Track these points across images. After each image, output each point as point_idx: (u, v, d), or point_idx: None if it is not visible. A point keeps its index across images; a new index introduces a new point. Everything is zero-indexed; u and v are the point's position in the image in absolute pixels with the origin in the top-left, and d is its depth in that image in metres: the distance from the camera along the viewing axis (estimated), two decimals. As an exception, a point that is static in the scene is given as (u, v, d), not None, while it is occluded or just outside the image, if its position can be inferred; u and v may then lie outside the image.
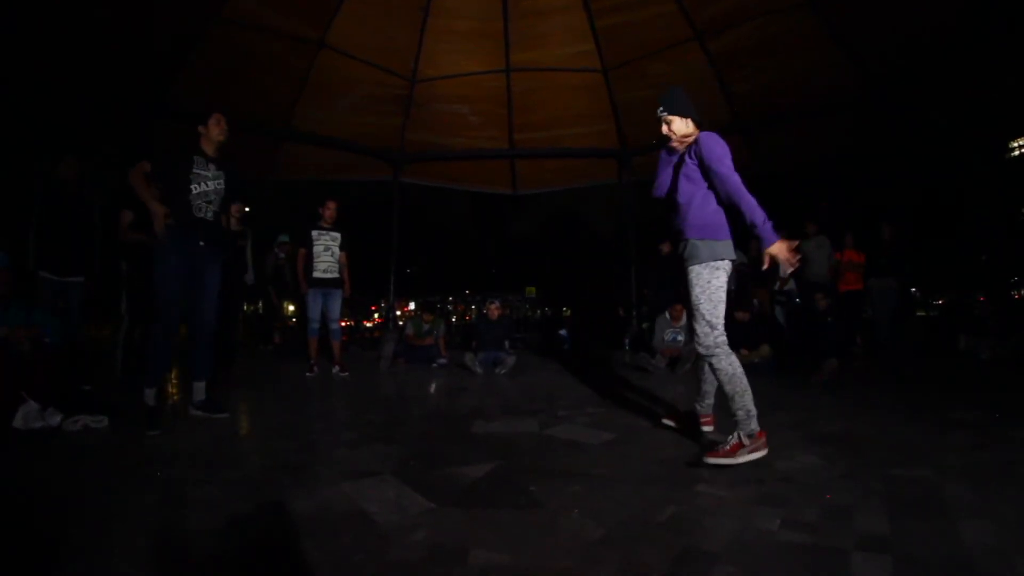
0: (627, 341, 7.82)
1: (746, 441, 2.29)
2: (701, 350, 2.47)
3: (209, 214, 3.22)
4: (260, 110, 6.75)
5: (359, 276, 6.55)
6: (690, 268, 2.52)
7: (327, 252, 5.37)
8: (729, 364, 2.41)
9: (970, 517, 1.67)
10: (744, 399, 2.36)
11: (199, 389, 3.29)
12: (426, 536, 1.60)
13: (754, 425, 2.33)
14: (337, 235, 5.46)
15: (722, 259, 2.49)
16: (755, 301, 6.71)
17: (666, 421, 3.00)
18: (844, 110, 6.57)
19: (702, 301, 2.47)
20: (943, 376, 5.26)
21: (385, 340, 6.73)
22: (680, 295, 2.79)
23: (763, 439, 2.32)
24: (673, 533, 1.61)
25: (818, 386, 4.51)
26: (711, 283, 2.47)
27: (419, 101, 7.30)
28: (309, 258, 5.34)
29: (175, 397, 4.05)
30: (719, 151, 2.42)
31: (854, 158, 15.61)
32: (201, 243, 3.17)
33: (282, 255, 7.89)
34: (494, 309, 6.58)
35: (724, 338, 2.44)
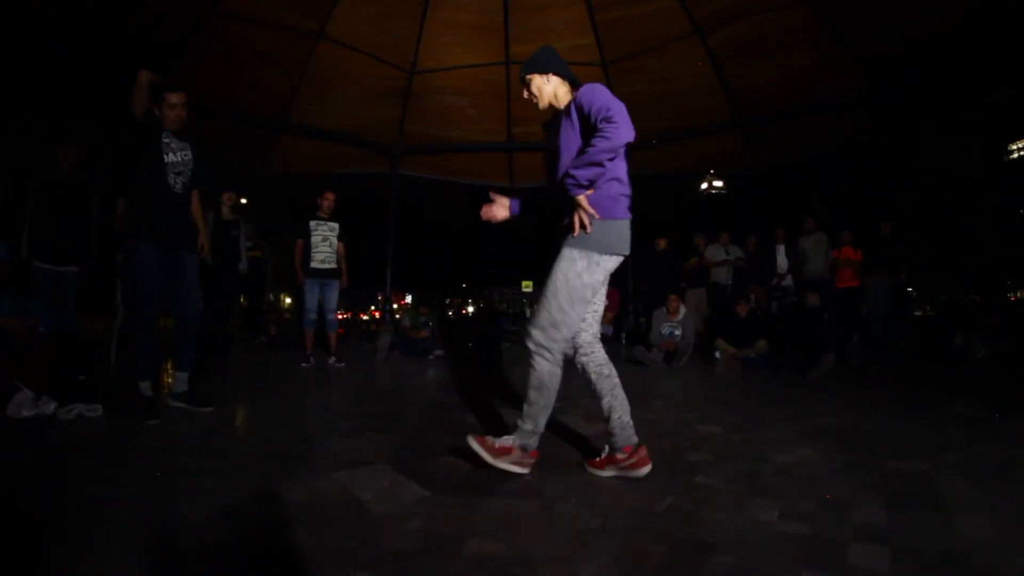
0: (623, 335, 7.84)
1: (518, 452, 2.02)
2: (530, 345, 2.00)
3: (179, 186, 3.11)
4: (258, 102, 6.70)
5: (357, 269, 6.51)
6: (566, 246, 1.98)
7: (325, 243, 5.35)
8: (550, 374, 2.01)
9: (967, 510, 1.67)
10: (543, 415, 2.05)
11: (181, 380, 3.21)
12: (421, 525, 1.59)
13: (533, 443, 2.07)
14: (335, 225, 5.44)
15: (613, 254, 2.01)
16: (751, 297, 6.72)
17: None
18: (843, 108, 6.57)
19: (559, 291, 1.95)
20: (939, 373, 5.28)
21: (381, 332, 6.73)
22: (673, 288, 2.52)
23: (534, 459, 2.05)
24: (671, 523, 1.60)
25: (815, 381, 4.52)
26: (581, 276, 1.96)
27: (417, 93, 7.26)
28: (307, 248, 5.31)
29: (169, 388, 4.02)
30: (601, 99, 1.96)
31: (853, 156, 15.64)
32: (174, 226, 3.08)
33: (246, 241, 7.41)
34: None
35: (562, 345, 2.01)
